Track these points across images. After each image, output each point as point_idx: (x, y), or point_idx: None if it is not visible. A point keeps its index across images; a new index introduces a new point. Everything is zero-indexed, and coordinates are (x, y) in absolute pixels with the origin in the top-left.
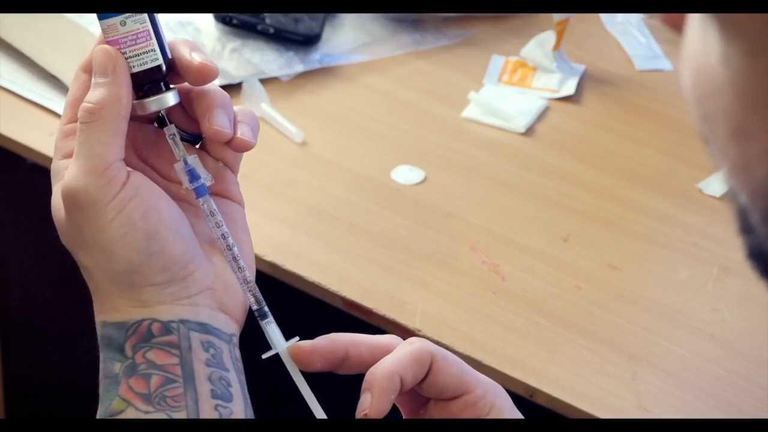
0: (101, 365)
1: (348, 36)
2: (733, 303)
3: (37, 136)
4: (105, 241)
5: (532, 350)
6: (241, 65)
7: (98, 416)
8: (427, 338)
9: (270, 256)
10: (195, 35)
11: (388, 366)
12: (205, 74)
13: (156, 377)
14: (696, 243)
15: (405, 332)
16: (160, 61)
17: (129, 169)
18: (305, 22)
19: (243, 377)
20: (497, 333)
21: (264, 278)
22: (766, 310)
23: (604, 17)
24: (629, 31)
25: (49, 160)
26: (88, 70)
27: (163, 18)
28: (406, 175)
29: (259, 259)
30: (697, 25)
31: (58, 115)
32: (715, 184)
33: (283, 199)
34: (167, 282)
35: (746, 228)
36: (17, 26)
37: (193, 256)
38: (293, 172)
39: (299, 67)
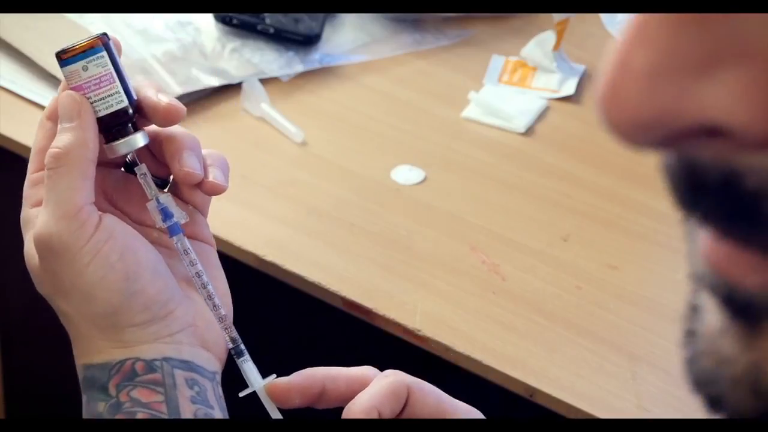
0: (84, 407)
1: (348, 36)
2: None
3: None
4: (83, 285)
5: (532, 350)
6: (241, 65)
7: None
8: (427, 338)
9: (270, 256)
10: (195, 35)
11: (365, 402)
12: (172, 114)
13: (141, 414)
14: None
15: (405, 332)
16: (126, 102)
17: (100, 212)
18: (305, 22)
19: (227, 415)
20: (497, 333)
21: (264, 278)
22: None
23: (604, 17)
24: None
25: None
26: (52, 118)
27: (163, 18)
28: (406, 175)
29: (259, 259)
30: None
31: None
32: None
33: (283, 199)
34: (149, 321)
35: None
36: (17, 26)
37: (172, 295)
38: (293, 172)
39: (299, 67)
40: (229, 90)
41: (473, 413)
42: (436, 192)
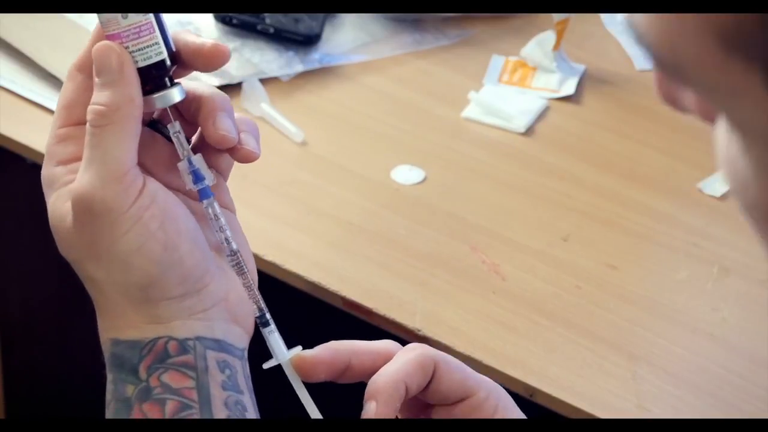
0: (109, 386)
1: (348, 36)
2: (733, 303)
3: (37, 136)
4: (121, 252)
5: (532, 350)
6: (241, 65)
7: None
8: (427, 338)
9: (270, 256)
10: None
11: (392, 374)
12: (218, 57)
13: (171, 402)
14: (696, 243)
15: (405, 332)
16: (165, 54)
17: (144, 174)
18: (305, 22)
19: (254, 396)
20: (497, 333)
21: (264, 278)
22: (766, 310)
23: (604, 17)
24: (629, 31)
25: None
26: (83, 69)
27: (163, 18)
28: (406, 175)
29: (259, 259)
30: (721, 120)
31: None
32: (715, 184)
33: (283, 199)
34: (183, 295)
35: None
36: (17, 26)
37: (208, 267)
38: (293, 172)
39: (299, 67)
40: (229, 90)
41: (498, 389)
42: (436, 192)
